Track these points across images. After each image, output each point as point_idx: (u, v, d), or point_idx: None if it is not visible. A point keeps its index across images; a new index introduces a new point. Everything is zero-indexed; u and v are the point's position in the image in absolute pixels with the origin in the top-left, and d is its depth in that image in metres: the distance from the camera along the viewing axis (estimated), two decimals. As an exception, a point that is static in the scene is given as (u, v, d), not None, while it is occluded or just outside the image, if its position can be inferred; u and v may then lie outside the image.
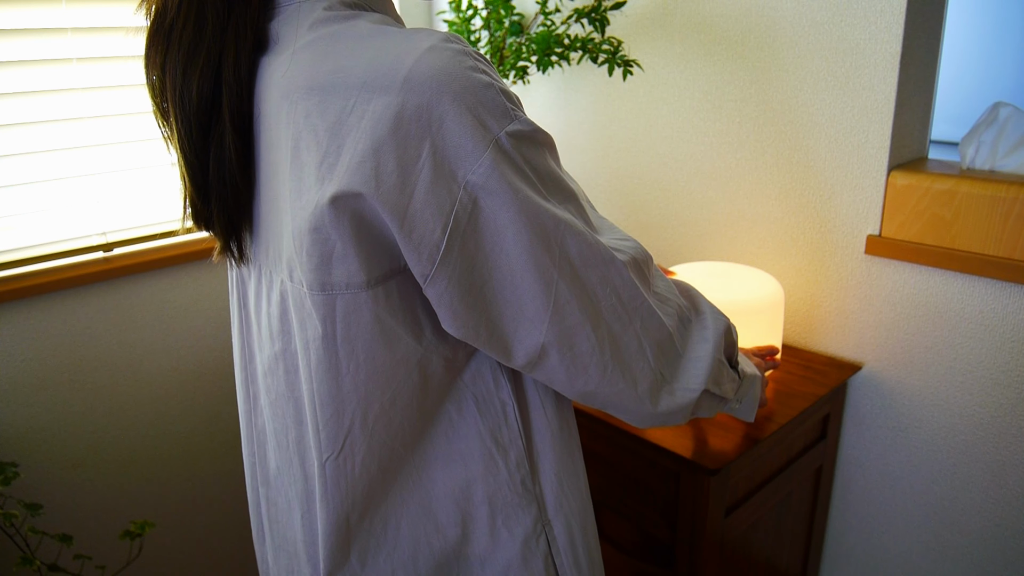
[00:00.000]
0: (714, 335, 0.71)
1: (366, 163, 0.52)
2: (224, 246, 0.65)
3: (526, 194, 0.55)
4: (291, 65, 0.57)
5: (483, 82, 0.53)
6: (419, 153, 0.52)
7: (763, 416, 1.08)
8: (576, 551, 0.69)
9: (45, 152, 1.36)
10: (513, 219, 0.55)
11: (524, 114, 0.56)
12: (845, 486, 1.33)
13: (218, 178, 0.61)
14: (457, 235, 0.54)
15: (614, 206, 1.57)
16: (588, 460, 1.15)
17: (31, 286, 1.34)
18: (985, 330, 1.11)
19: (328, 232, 0.54)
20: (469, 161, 0.53)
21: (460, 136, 0.52)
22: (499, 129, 0.54)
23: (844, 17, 1.15)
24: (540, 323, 0.58)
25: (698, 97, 1.37)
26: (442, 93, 0.52)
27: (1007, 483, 1.14)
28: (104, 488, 1.52)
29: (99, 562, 1.49)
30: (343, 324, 0.58)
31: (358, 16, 0.59)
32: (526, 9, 1.54)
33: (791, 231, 1.29)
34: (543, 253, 0.56)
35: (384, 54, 0.54)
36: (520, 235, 0.55)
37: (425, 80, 0.52)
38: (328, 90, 0.54)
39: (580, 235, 0.58)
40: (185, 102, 0.59)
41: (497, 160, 0.53)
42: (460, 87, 0.52)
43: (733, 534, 1.08)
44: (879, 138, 1.15)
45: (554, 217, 0.56)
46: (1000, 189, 1.04)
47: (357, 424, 0.61)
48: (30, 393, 1.40)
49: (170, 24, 0.59)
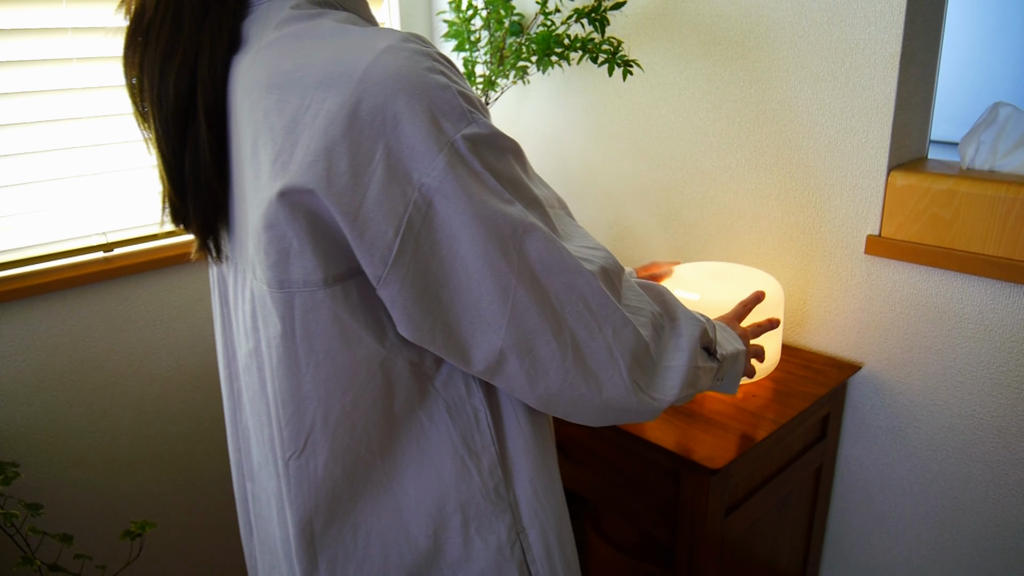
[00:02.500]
0: (689, 343, 0.70)
1: (318, 162, 0.52)
2: (201, 244, 0.65)
3: (482, 198, 0.54)
4: (254, 63, 0.57)
5: (439, 83, 0.53)
6: (372, 154, 0.52)
7: (763, 416, 1.08)
8: (552, 559, 0.69)
9: (45, 152, 1.36)
10: (468, 223, 0.54)
11: (484, 117, 0.56)
12: (845, 486, 1.33)
13: (194, 177, 0.61)
14: (411, 237, 0.53)
15: (614, 206, 1.57)
16: (588, 460, 1.15)
17: (31, 286, 1.35)
18: (985, 330, 1.11)
19: (283, 229, 0.54)
20: (424, 163, 0.52)
21: (415, 137, 0.52)
22: (455, 132, 0.53)
23: (844, 17, 1.15)
24: (498, 328, 0.57)
25: (698, 97, 1.37)
26: (397, 93, 0.51)
27: (1007, 483, 1.15)
28: (104, 488, 1.52)
29: (99, 562, 1.49)
30: (301, 322, 0.57)
31: (323, 15, 0.59)
32: (526, 9, 1.54)
33: (791, 231, 1.29)
34: (500, 258, 0.55)
35: (342, 53, 0.53)
36: (475, 239, 0.54)
37: (381, 80, 0.51)
38: (286, 88, 0.54)
39: (542, 241, 0.57)
40: (162, 101, 0.59)
41: (452, 163, 0.53)
42: (416, 87, 0.52)
43: (733, 534, 1.08)
44: (879, 138, 1.15)
45: (512, 222, 0.55)
46: (1000, 189, 1.04)
47: (318, 425, 0.60)
48: (30, 393, 1.40)
49: (148, 24, 0.59)
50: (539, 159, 1.70)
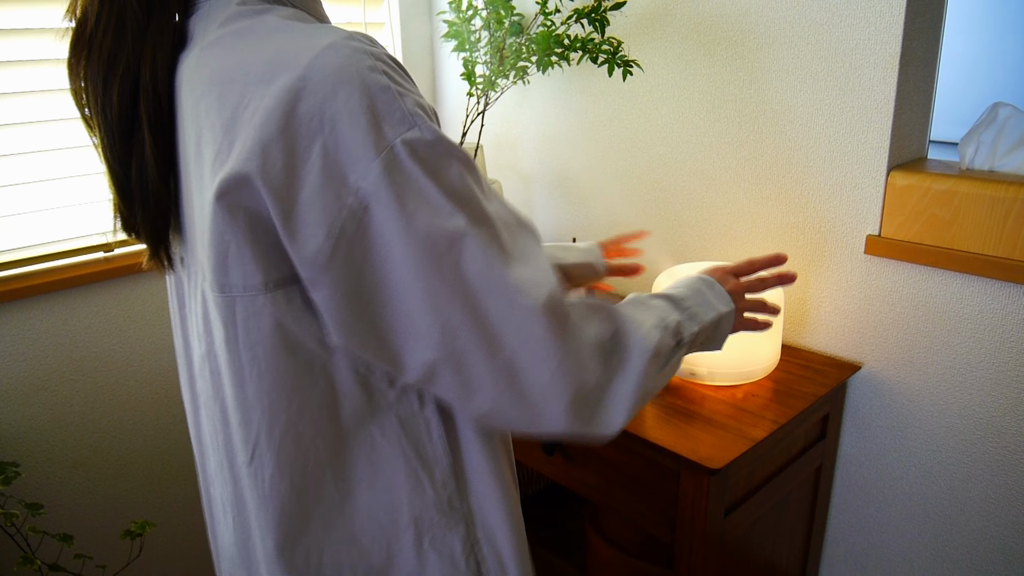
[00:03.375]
0: (639, 366, 0.63)
1: (252, 160, 0.50)
2: (152, 253, 0.64)
3: (419, 207, 0.52)
4: (199, 61, 0.57)
5: (381, 83, 0.51)
6: (308, 153, 0.50)
7: (763, 416, 1.08)
8: (507, 570, 0.67)
9: (45, 152, 1.36)
10: (401, 232, 0.51)
11: (429, 122, 0.53)
12: (845, 486, 1.33)
13: (140, 187, 0.60)
14: (343, 241, 0.51)
15: (614, 206, 1.57)
16: (588, 460, 1.15)
17: (32, 286, 1.35)
18: (984, 330, 1.11)
19: (223, 229, 0.53)
20: (361, 166, 0.50)
21: (352, 139, 0.50)
22: (395, 135, 0.51)
23: (843, 18, 1.15)
24: (429, 340, 0.54)
25: (698, 97, 1.37)
26: (336, 92, 0.50)
27: (1007, 483, 1.15)
28: (105, 488, 1.52)
29: (100, 562, 1.49)
30: (243, 328, 0.56)
31: (269, 11, 0.58)
32: (526, 9, 1.54)
33: (791, 231, 1.29)
34: (433, 272, 0.52)
35: (283, 50, 0.52)
36: (408, 250, 0.52)
37: (320, 78, 0.50)
38: (227, 85, 0.53)
39: (482, 260, 0.54)
40: (107, 111, 0.58)
41: (390, 168, 0.51)
42: (355, 87, 0.50)
43: (733, 534, 1.08)
44: (879, 138, 1.15)
45: (450, 236, 0.52)
46: (999, 189, 1.04)
47: (264, 436, 0.59)
48: (31, 393, 1.40)
49: (90, 33, 0.58)
50: (539, 159, 1.70)
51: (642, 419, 1.07)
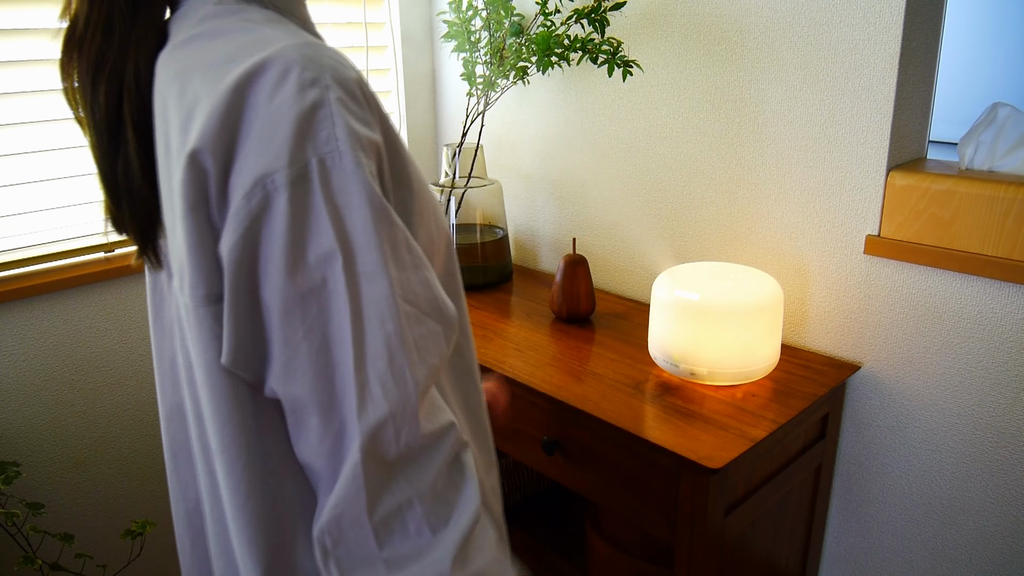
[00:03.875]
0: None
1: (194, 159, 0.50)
2: (140, 252, 0.64)
3: (308, 236, 0.49)
4: (169, 59, 0.57)
5: (317, 98, 0.49)
6: (233, 155, 0.50)
7: (762, 416, 1.08)
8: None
9: (45, 152, 1.36)
10: (282, 255, 0.49)
11: (358, 155, 0.50)
12: (844, 486, 1.34)
13: (126, 186, 0.60)
14: (244, 246, 0.50)
15: (614, 206, 1.58)
16: (588, 460, 1.15)
17: (32, 286, 1.35)
18: (984, 330, 1.12)
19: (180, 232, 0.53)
20: (272, 174, 0.49)
21: (273, 145, 0.49)
22: (313, 153, 0.49)
23: (843, 17, 1.15)
24: (274, 371, 0.51)
25: (697, 97, 1.37)
26: (272, 98, 0.49)
27: (1006, 483, 1.15)
28: (105, 487, 1.52)
29: (100, 561, 1.50)
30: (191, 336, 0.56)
31: (243, 10, 0.58)
32: (526, 9, 1.54)
33: (790, 231, 1.30)
34: (295, 304, 0.49)
35: (240, 50, 0.52)
36: (281, 273, 0.49)
37: (261, 82, 0.50)
38: (186, 83, 0.54)
39: (347, 313, 0.49)
40: (95, 111, 0.59)
41: (296, 183, 0.49)
42: (291, 96, 0.49)
43: (732, 534, 1.09)
44: (878, 138, 1.15)
45: (325, 274, 0.49)
46: (999, 189, 1.04)
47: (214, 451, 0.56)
48: (31, 393, 1.40)
49: (80, 34, 0.59)
50: (539, 159, 1.70)
51: (642, 419, 1.08)
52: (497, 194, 1.66)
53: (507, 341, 1.35)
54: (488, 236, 1.65)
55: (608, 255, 1.62)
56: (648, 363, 1.25)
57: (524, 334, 1.38)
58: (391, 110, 1.87)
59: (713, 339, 1.13)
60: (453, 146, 1.61)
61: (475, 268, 1.62)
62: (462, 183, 1.61)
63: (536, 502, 1.66)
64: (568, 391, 1.16)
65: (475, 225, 1.65)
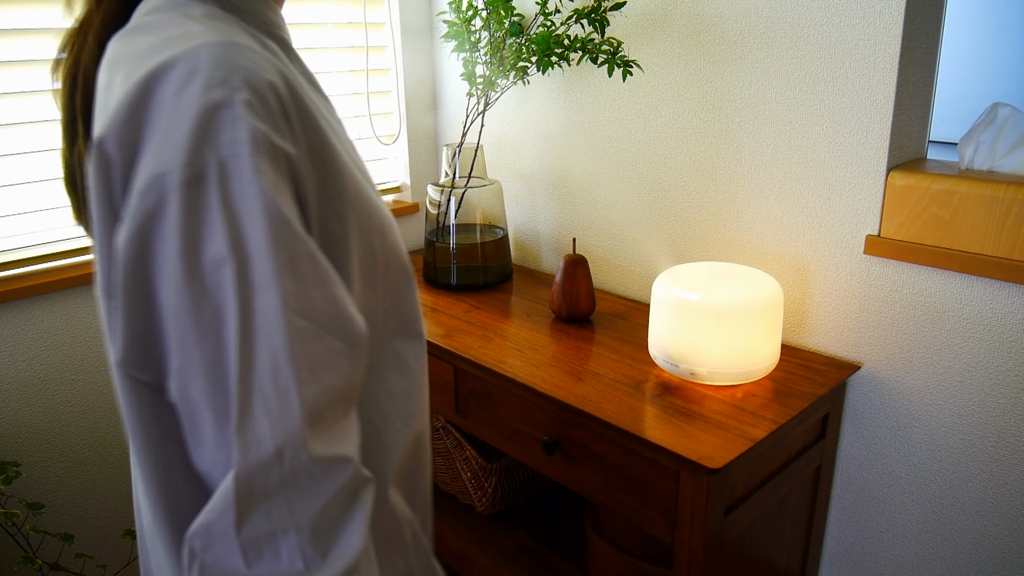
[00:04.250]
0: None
1: (100, 147, 0.50)
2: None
3: (200, 241, 0.47)
4: (110, 49, 0.57)
5: (220, 99, 0.48)
6: (137, 150, 0.49)
7: (762, 416, 1.08)
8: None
9: (46, 152, 1.36)
10: (175, 258, 0.48)
11: (258, 160, 0.48)
12: (844, 486, 1.34)
13: (82, 180, 0.60)
14: (137, 244, 0.49)
15: (614, 206, 1.58)
16: (588, 460, 1.15)
17: (32, 286, 1.35)
18: (984, 330, 1.12)
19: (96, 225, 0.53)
20: (169, 176, 0.47)
21: (170, 144, 0.48)
22: (213, 156, 0.47)
23: (843, 17, 1.15)
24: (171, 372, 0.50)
25: (697, 98, 1.37)
26: (178, 95, 0.48)
27: (1006, 482, 1.15)
28: (105, 487, 1.52)
29: (100, 561, 1.50)
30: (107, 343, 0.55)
31: (188, 5, 0.57)
32: (526, 9, 1.54)
33: (790, 231, 1.30)
34: (189, 310, 0.48)
35: (161, 45, 0.51)
36: (174, 278, 0.48)
37: (168, 78, 0.49)
38: (112, 75, 0.54)
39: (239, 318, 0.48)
40: (63, 109, 0.59)
41: (191, 185, 0.47)
42: (197, 94, 0.48)
43: (732, 534, 1.09)
44: (878, 138, 1.15)
45: (217, 285, 0.47)
46: (999, 189, 1.04)
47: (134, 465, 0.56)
48: (31, 393, 1.40)
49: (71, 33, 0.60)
50: (539, 159, 1.70)
51: (642, 419, 1.08)
52: (497, 194, 1.66)
53: (507, 341, 1.35)
54: (488, 236, 1.65)
55: (608, 255, 1.62)
56: (648, 363, 1.25)
57: (524, 334, 1.38)
58: (390, 110, 1.87)
59: (713, 339, 1.13)
60: (453, 146, 1.62)
61: (475, 268, 1.62)
62: (462, 183, 1.61)
63: (536, 502, 1.66)
64: (568, 391, 1.16)
65: (475, 225, 1.65)
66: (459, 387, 1.35)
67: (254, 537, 0.48)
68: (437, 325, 1.43)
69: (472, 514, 1.63)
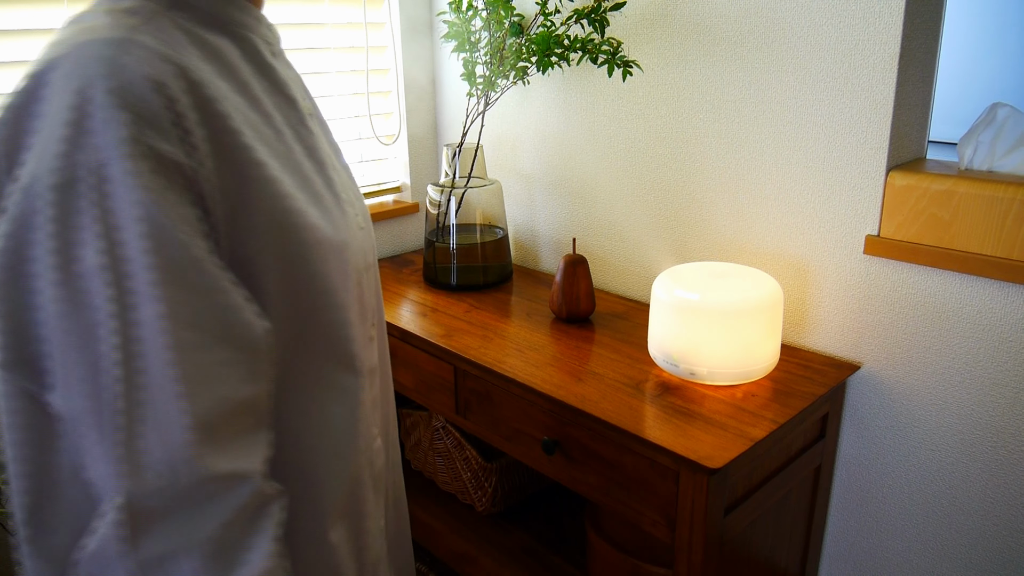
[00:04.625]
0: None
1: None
2: None
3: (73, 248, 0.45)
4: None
5: (98, 101, 0.45)
6: (19, 148, 0.48)
7: (762, 416, 1.08)
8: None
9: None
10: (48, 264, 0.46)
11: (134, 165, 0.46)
12: (844, 485, 1.34)
13: None
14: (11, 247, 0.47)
15: (614, 206, 1.58)
16: (588, 460, 1.15)
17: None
18: (983, 330, 1.12)
19: None
20: (41, 180, 0.45)
21: (49, 141, 0.46)
22: (93, 158, 0.45)
23: (843, 17, 1.15)
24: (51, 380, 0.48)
25: (697, 97, 1.37)
26: (54, 97, 0.47)
27: (1006, 482, 1.15)
28: (105, 488, 1.52)
29: (100, 561, 1.49)
30: None
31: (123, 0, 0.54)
32: (526, 9, 1.54)
33: (790, 231, 1.30)
34: (65, 319, 0.46)
35: (62, 40, 0.50)
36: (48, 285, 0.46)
37: (56, 71, 0.48)
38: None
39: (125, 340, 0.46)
40: None
41: (63, 189, 0.45)
42: (69, 96, 0.46)
43: (732, 533, 1.09)
44: (878, 138, 1.15)
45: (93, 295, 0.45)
46: (998, 189, 1.05)
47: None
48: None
49: None
50: (539, 159, 1.70)
51: (642, 419, 1.08)
52: (497, 194, 1.67)
53: (507, 341, 1.35)
54: (488, 236, 1.65)
55: (608, 255, 1.62)
56: (648, 363, 1.25)
57: (524, 334, 1.38)
58: (390, 110, 1.87)
59: (713, 339, 1.13)
60: (453, 146, 1.62)
61: (475, 268, 1.63)
62: (462, 183, 1.61)
63: (536, 502, 1.67)
64: (568, 391, 1.16)
65: (475, 225, 1.65)
66: (459, 387, 1.35)
67: (148, 560, 0.45)
68: (437, 325, 1.43)
69: (472, 514, 1.63)
